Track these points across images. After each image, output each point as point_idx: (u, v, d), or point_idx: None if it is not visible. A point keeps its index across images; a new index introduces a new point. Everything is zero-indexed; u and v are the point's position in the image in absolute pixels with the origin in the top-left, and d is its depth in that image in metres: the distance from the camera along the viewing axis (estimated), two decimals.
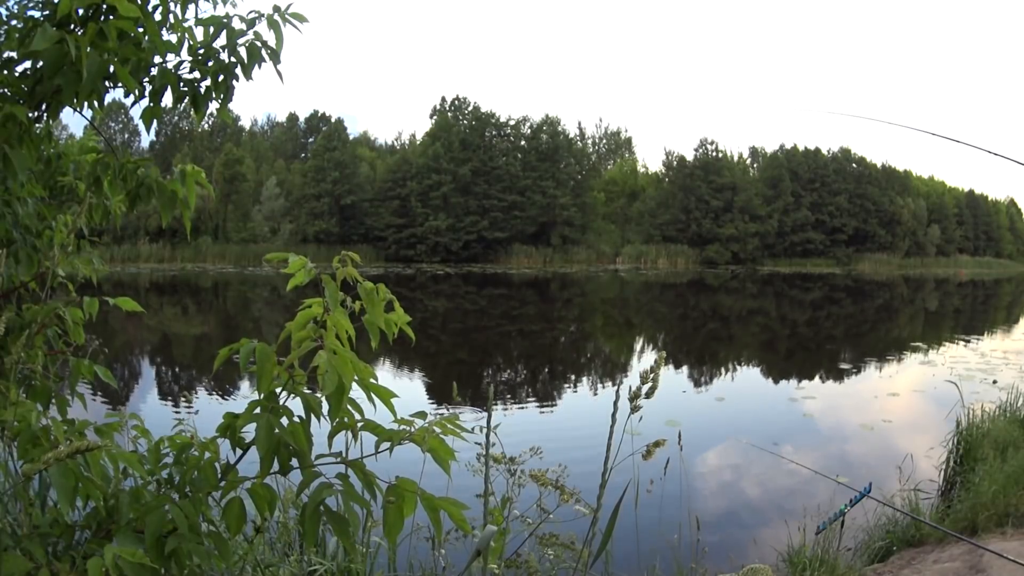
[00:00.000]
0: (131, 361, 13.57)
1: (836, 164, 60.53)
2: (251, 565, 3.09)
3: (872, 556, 4.67)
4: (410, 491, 1.61)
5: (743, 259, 55.85)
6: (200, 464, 1.77)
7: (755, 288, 38.20)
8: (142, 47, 2.19)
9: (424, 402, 9.71)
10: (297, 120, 64.11)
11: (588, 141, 67.49)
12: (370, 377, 1.69)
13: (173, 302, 25.71)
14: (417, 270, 44.13)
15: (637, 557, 4.29)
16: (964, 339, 18.03)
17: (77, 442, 1.43)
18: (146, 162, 2.59)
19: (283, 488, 3.31)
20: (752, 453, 7.05)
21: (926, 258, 63.16)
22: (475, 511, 1.91)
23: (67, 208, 2.93)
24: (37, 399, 2.09)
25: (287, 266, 1.72)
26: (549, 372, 13.77)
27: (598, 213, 58.29)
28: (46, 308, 2.14)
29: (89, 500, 1.72)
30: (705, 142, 58.57)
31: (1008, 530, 4.65)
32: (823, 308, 28.60)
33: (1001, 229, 72.89)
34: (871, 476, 5.46)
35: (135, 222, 44.13)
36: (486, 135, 55.45)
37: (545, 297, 31.31)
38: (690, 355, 15.74)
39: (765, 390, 12.02)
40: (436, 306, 24.99)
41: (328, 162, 52.67)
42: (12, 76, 2.21)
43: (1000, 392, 8.70)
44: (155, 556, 1.57)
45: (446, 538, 2.81)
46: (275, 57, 2.33)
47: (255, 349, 1.66)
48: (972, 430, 6.39)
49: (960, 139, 2.87)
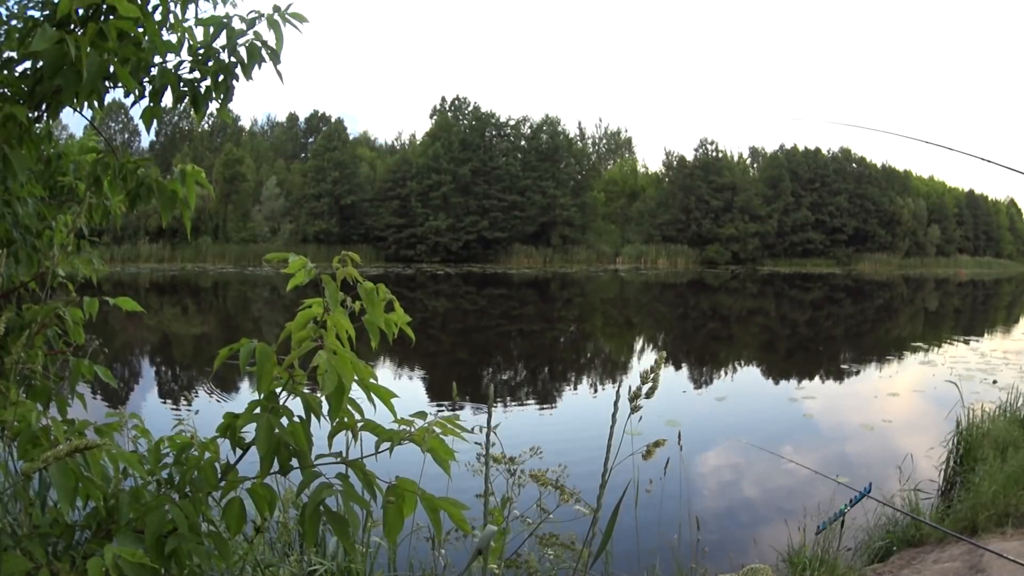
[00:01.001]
0: (131, 361, 13.57)
1: (836, 164, 60.52)
2: (251, 565, 3.09)
3: (872, 556, 4.67)
4: (410, 491, 1.61)
5: (743, 259, 55.84)
6: (200, 464, 1.77)
7: (755, 288, 38.19)
8: (142, 47, 2.19)
9: (424, 402, 9.71)
10: (297, 120, 64.12)
11: (588, 141, 67.49)
12: (370, 377, 1.69)
13: (173, 302, 25.71)
14: (417, 270, 44.12)
15: (637, 557, 4.29)
16: (964, 339, 18.02)
17: (77, 442, 1.43)
18: (146, 162, 2.59)
19: (283, 488, 3.30)
20: (752, 453, 7.05)
21: (926, 258, 63.16)
22: (475, 511, 1.91)
23: (67, 208, 2.93)
24: (37, 399, 2.09)
25: (287, 266, 1.72)
26: (549, 372, 13.77)
27: (598, 213, 58.27)
28: (46, 308, 2.14)
29: (89, 500, 1.71)
30: (705, 142, 58.61)
31: (1008, 530, 4.65)
32: (823, 308, 28.60)
33: (1001, 229, 72.90)
34: (871, 476, 5.46)
35: (135, 222, 44.10)
36: (486, 135, 55.44)
37: (545, 297, 31.30)
38: (690, 355, 15.74)
39: (765, 390, 12.02)
40: (436, 306, 24.98)
41: (328, 162, 52.67)
42: (12, 76, 2.21)
43: (1000, 392, 8.70)
44: (155, 556, 1.57)
45: (446, 538, 2.82)
46: (275, 57, 2.33)
47: (255, 349, 1.66)
48: (972, 430, 6.39)
49: (957, 148, 2.86)
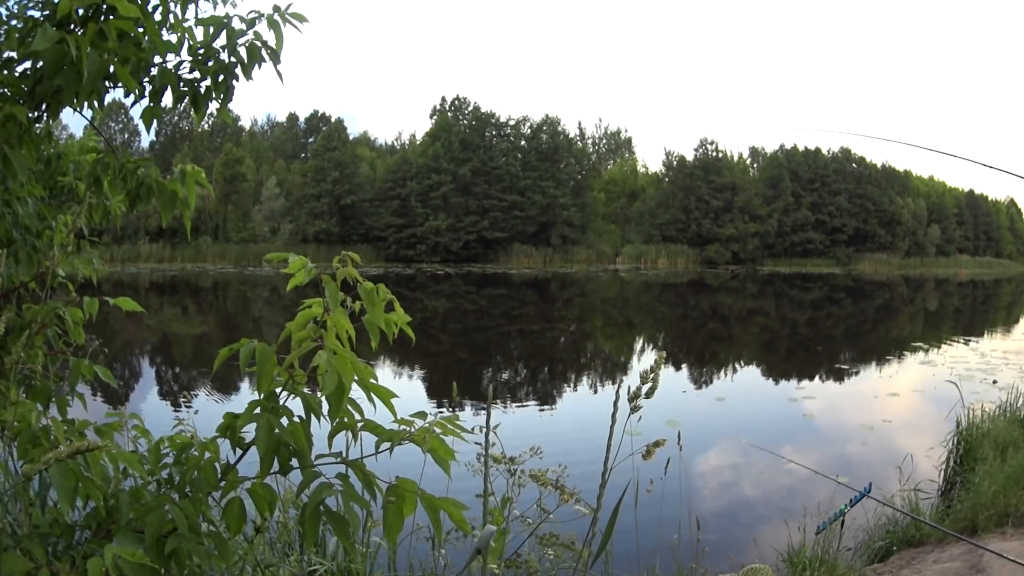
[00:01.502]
0: (131, 361, 13.57)
1: (836, 164, 60.50)
2: (251, 565, 3.09)
3: (872, 556, 4.66)
4: (410, 491, 1.61)
5: (743, 259, 55.84)
6: (200, 464, 1.77)
7: (755, 288, 38.19)
8: (142, 47, 2.19)
9: (424, 402, 9.71)
10: (297, 120, 64.14)
11: (588, 141, 67.51)
12: (370, 377, 1.69)
13: (173, 302, 25.70)
14: (417, 270, 44.11)
15: (637, 557, 4.29)
16: (964, 339, 18.02)
17: (77, 442, 1.43)
18: (146, 162, 2.59)
19: (283, 488, 3.30)
20: (752, 453, 7.05)
21: (926, 258, 63.16)
22: (475, 511, 1.91)
23: (67, 208, 2.93)
24: (37, 399, 2.09)
25: (287, 266, 1.72)
26: (549, 372, 13.77)
27: (598, 213, 58.27)
28: (46, 308, 2.14)
29: (89, 500, 1.71)
30: (705, 142, 58.62)
31: (1008, 530, 4.65)
32: (823, 308, 28.59)
33: (1001, 229, 72.89)
34: (871, 476, 5.46)
35: (135, 222, 44.11)
36: (486, 135, 55.44)
37: (545, 297, 31.30)
38: (690, 355, 15.74)
39: (765, 390, 12.02)
40: (436, 306, 24.98)
41: (328, 162, 52.67)
42: (12, 76, 2.21)
43: (1000, 392, 8.70)
44: (155, 556, 1.57)
45: (446, 538, 2.81)
46: (275, 57, 2.33)
47: (255, 349, 1.66)
48: (972, 430, 6.39)
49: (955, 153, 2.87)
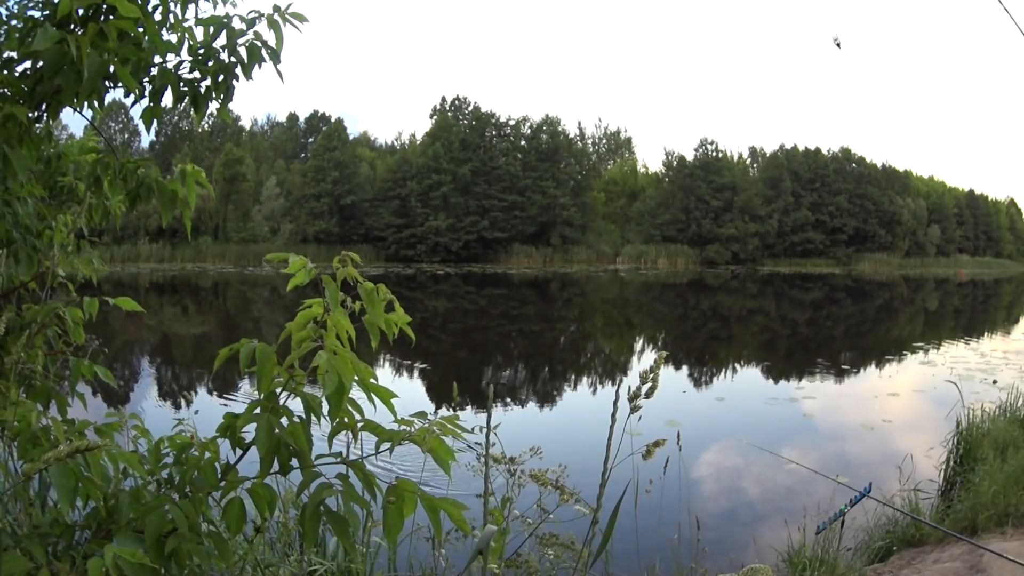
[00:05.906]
0: (131, 361, 13.56)
1: (836, 164, 60.52)
2: (251, 565, 3.09)
3: (872, 556, 4.66)
4: (410, 491, 1.61)
5: (743, 259, 55.84)
6: (200, 464, 1.77)
7: (755, 288, 38.19)
8: (142, 47, 2.19)
9: (424, 402, 9.71)
10: (297, 120, 64.12)
11: (588, 141, 67.54)
12: (370, 377, 1.69)
13: (173, 302, 25.70)
14: (417, 270, 44.11)
15: (637, 557, 4.29)
16: (964, 339, 18.02)
17: (77, 442, 1.43)
18: (146, 162, 2.59)
19: (283, 488, 3.30)
20: (752, 453, 7.05)
21: (926, 258, 63.18)
22: (475, 511, 1.91)
23: (67, 208, 2.93)
24: (37, 399, 2.09)
25: (287, 266, 1.72)
26: (549, 372, 13.77)
27: (598, 213, 58.28)
28: (46, 308, 2.14)
29: (89, 500, 1.71)
30: (705, 142, 58.70)
31: (1008, 530, 4.65)
32: (823, 308, 28.59)
33: (1001, 229, 72.91)
34: (871, 476, 5.46)
35: (135, 222, 44.13)
36: (486, 135, 55.45)
37: (545, 297, 31.30)
38: (690, 355, 15.74)
39: (765, 390, 12.01)
40: (436, 306, 24.98)
41: (328, 162, 52.67)
42: (12, 76, 2.21)
43: (1000, 392, 8.69)
44: (155, 556, 1.57)
45: (446, 538, 2.82)
46: (275, 57, 2.33)
47: (255, 349, 1.66)
48: (972, 430, 6.38)
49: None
